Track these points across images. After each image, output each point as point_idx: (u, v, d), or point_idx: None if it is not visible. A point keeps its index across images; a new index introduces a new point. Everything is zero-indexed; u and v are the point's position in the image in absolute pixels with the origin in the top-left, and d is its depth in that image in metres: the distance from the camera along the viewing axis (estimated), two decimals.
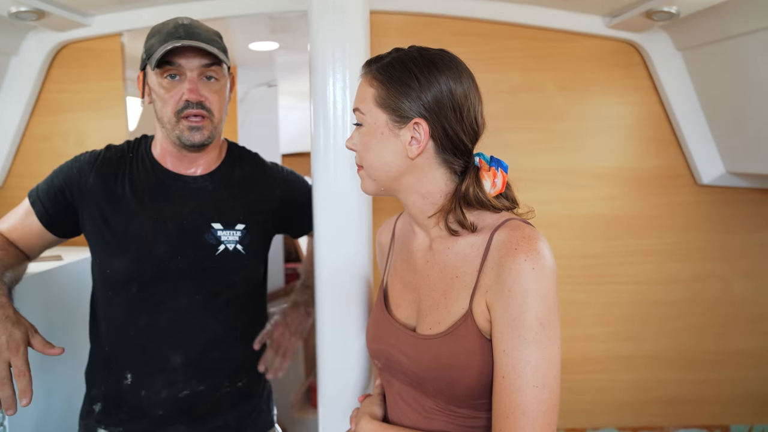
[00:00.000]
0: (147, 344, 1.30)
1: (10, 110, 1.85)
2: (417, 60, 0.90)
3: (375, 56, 0.95)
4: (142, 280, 1.28)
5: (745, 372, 1.95)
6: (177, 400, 1.30)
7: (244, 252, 1.34)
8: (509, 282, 0.82)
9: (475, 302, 0.88)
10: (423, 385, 0.93)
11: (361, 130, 0.94)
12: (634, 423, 1.97)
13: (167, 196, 1.32)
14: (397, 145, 0.91)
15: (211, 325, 1.32)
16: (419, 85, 0.88)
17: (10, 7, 1.53)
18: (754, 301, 1.94)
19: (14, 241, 1.32)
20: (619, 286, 1.94)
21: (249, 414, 1.41)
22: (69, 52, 1.89)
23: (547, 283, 0.82)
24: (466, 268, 0.90)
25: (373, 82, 0.92)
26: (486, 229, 0.90)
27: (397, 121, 0.90)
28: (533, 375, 0.81)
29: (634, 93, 1.89)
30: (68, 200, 1.32)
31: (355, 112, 0.95)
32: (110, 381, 1.32)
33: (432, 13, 1.85)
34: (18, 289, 1.20)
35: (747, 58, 1.49)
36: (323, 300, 1.32)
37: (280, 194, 1.43)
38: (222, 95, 1.30)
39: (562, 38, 1.86)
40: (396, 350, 0.97)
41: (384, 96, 0.90)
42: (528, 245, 0.83)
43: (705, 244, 1.93)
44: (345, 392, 1.29)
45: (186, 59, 1.23)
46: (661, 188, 1.92)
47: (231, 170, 1.39)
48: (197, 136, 1.26)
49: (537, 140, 1.90)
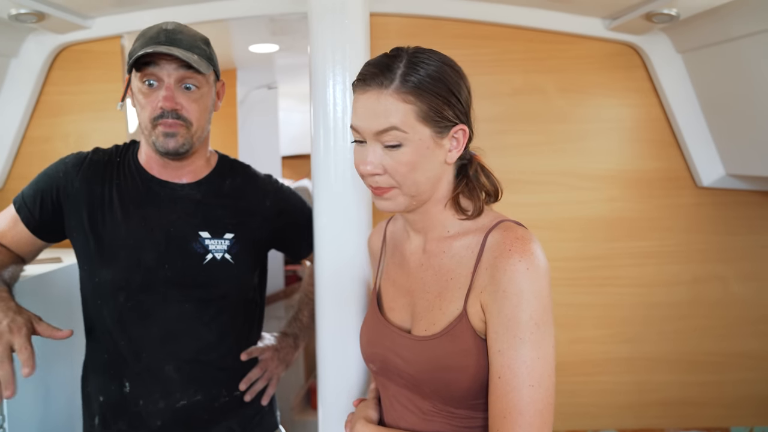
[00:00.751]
0: (140, 353, 1.28)
1: (10, 112, 1.85)
2: (441, 66, 0.88)
3: (380, 66, 0.87)
4: (130, 289, 1.26)
5: (746, 374, 1.95)
6: (175, 411, 1.28)
7: (232, 261, 1.31)
8: (504, 283, 0.83)
9: (470, 303, 0.88)
10: (419, 387, 0.93)
11: (401, 150, 0.86)
12: (635, 425, 1.96)
13: (154, 203, 1.29)
14: (440, 156, 0.89)
15: (203, 334, 1.30)
16: (455, 91, 0.88)
17: (10, 9, 1.53)
18: (755, 303, 1.94)
19: (6, 246, 1.30)
20: (620, 288, 1.94)
21: (252, 417, 1.40)
22: (69, 54, 1.89)
23: (540, 284, 0.83)
24: (461, 270, 0.91)
25: (408, 98, 0.85)
26: (479, 231, 0.91)
27: (439, 132, 0.88)
28: (529, 374, 0.81)
29: (634, 95, 1.89)
30: (54, 204, 1.29)
31: (391, 132, 0.85)
32: (107, 391, 1.30)
33: (432, 16, 1.85)
34: (18, 292, 1.20)
35: (747, 60, 1.49)
36: (323, 302, 1.32)
37: (270, 205, 1.40)
38: (202, 104, 1.25)
39: (562, 40, 1.87)
40: (391, 353, 0.97)
41: (426, 109, 0.85)
42: (522, 246, 0.84)
43: (705, 246, 1.93)
44: (345, 394, 1.29)
45: (162, 66, 1.20)
46: (662, 190, 1.91)
47: (221, 180, 1.36)
48: (171, 143, 1.22)
49: (538, 142, 1.90)
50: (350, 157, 1.28)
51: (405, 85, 0.85)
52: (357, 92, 0.89)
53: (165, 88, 1.20)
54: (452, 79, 0.88)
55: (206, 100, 1.27)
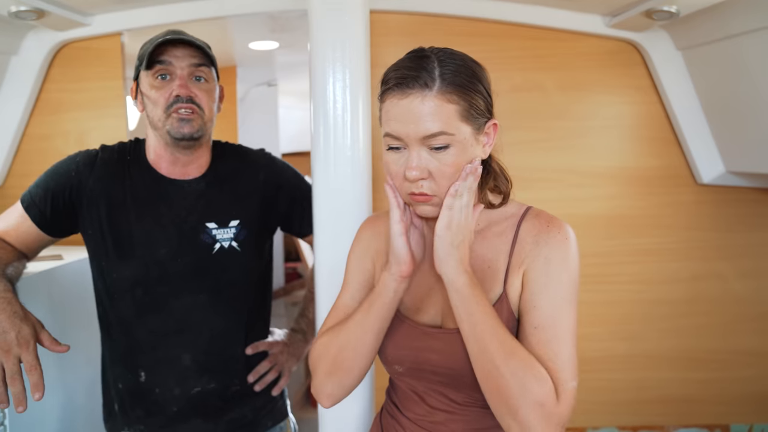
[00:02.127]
0: (156, 344, 1.33)
1: (10, 110, 1.85)
2: (467, 60, 0.89)
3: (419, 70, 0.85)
4: (147, 284, 1.31)
5: (746, 371, 1.95)
6: (190, 397, 1.34)
7: (239, 248, 1.35)
8: (546, 251, 0.89)
9: (509, 283, 0.92)
10: (457, 380, 0.93)
11: (448, 152, 0.85)
12: (635, 422, 1.97)
13: (165, 200, 1.33)
14: (477, 152, 0.89)
15: (217, 324, 1.35)
16: (484, 87, 0.90)
17: (10, 6, 1.53)
18: (755, 300, 1.94)
19: (10, 242, 1.31)
20: (620, 285, 1.94)
21: (264, 405, 1.44)
22: (69, 52, 1.89)
23: (575, 252, 0.90)
24: (497, 257, 0.94)
25: (452, 97, 0.84)
26: (510, 219, 0.95)
27: (477, 129, 0.88)
28: (568, 328, 0.87)
29: (634, 92, 1.89)
30: (66, 203, 1.31)
31: (439, 137, 0.84)
32: (125, 379, 1.35)
33: (432, 13, 1.85)
34: (19, 289, 1.20)
35: (747, 57, 1.49)
36: (322, 299, 1.32)
37: (264, 179, 1.42)
38: (211, 96, 1.32)
39: (562, 38, 1.86)
40: (423, 351, 0.96)
41: (467, 107, 0.85)
42: (559, 224, 0.92)
43: (705, 244, 1.93)
44: None
45: (176, 58, 1.27)
46: (662, 188, 1.92)
47: (218, 165, 1.40)
48: (186, 128, 1.27)
49: (537, 139, 1.90)
50: (350, 154, 1.28)
51: (447, 86, 0.84)
52: (394, 97, 0.85)
53: (179, 78, 1.27)
54: (481, 73, 0.90)
55: (213, 93, 1.34)
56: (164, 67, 1.27)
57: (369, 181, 1.33)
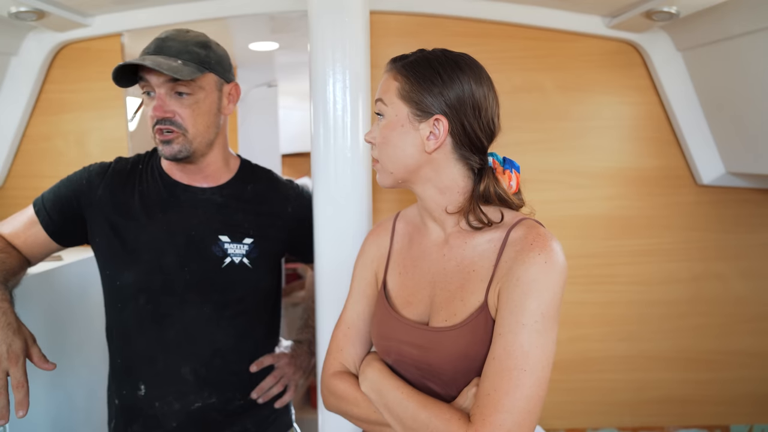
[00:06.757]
0: (157, 356, 1.30)
1: (10, 110, 1.85)
2: (441, 59, 0.94)
3: (400, 54, 0.98)
4: (150, 292, 1.28)
5: (745, 372, 1.95)
6: (189, 413, 1.30)
7: (250, 266, 1.33)
8: (519, 272, 0.86)
9: (490, 294, 0.91)
10: (438, 376, 0.95)
11: (382, 122, 0.97)
12: (634, 423, 1.97)
13: (176, 207, 1.32)
14: (415, 138, 0.94)
15: (219, 338, 1.32)
16: (442, 83, 0.92)
17: (10, 7, 1.53)
18: (754, 300, 1.94)
19: (16, 247, 1.31)
20: (619, 285, 1.94)
21: (267, 417, 1.41)
22: (69, 52, 1.89)
23: (555, 279, 0.86)
24: (483, 263, 0.94)
25: (398, 77, 0.94)
26: (502, 227, 0.95)
27: (417, 115, 0.93)
28: (524, 359, 0.82)
29: (634, 93, 1.89)
30: (75, 211, 1.31)
31: (378, 103, 0.97)
32: (125, 392, 1.32)
33: (432, 13, 1.85)
34: (18, 290, 1.20)
35: (747, 58, 1.49)
36: (323, 299, 1.32)
37: (292, 211, 1.41)
38: (197, 110, 1.25)
39: (562, 38, 1.87)
40: (406, 345, 0.98)
41: (408, 89, 0.93)
42: (543, 242, 0.88)
43: (705, 244, 1.93)
44: None
45: (150, 76, 1.23)
46: (661, 188, 1.92)
47: (243, 185, 1.38)
48: (167, 150, 1.25)
49: (537, 140, 1.90)
50: (350, 155, 1.29)
51: (399, 67, 0.95)
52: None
53: (157, 98, 1.23)
54: (447, 73, 0.92)
55: (203, 105, 1.27)
56: (145, 83, 1.24)
57: (369, 181, 1.33)
